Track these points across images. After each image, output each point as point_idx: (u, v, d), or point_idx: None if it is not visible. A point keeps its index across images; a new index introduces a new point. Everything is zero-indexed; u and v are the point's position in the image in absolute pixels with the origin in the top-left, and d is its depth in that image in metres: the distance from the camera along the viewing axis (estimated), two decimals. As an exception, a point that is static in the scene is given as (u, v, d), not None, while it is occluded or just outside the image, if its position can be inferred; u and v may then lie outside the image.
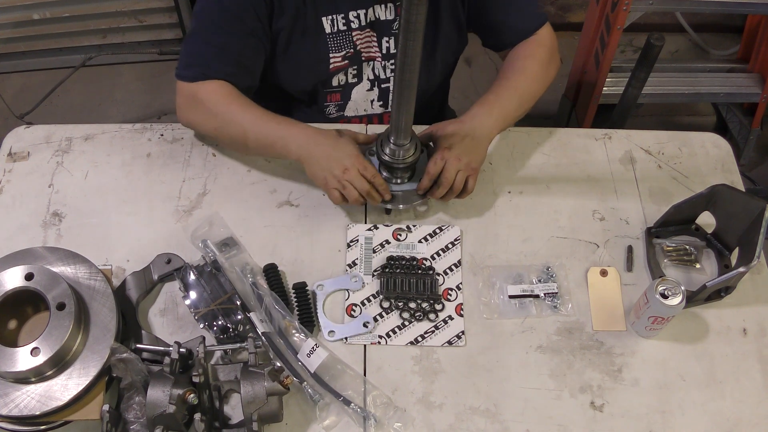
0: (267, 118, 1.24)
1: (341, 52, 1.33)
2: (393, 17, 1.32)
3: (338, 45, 1.32)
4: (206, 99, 1.25)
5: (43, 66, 2.71)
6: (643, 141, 1.41)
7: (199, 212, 1.28)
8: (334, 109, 1.45)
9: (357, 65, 1.37)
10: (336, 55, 1.33)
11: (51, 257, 1.10)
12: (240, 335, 1.11)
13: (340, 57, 1.34)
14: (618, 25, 2.03)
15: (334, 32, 1.30)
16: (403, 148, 1.18)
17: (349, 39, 1.32)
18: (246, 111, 1.24)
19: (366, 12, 1.30)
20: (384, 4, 1.30)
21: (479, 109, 1.28)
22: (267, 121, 1.24)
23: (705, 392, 1.11)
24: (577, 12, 2.91)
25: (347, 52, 1.34)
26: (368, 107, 1.45)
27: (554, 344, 1.15)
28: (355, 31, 1.31)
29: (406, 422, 1.06)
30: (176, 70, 1.28)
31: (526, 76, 1.33)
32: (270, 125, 1.24)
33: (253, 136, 1.24)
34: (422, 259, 1.23)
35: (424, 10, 0.91)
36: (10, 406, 0.98)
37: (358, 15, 1.30)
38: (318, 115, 1.44)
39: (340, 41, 1.32)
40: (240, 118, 1.24)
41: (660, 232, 1.27)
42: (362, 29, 1.32)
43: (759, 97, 2.32)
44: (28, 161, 1.34)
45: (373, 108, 1.46)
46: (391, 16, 1.32)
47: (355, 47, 1.34)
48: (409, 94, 1.05)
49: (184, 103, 1.28)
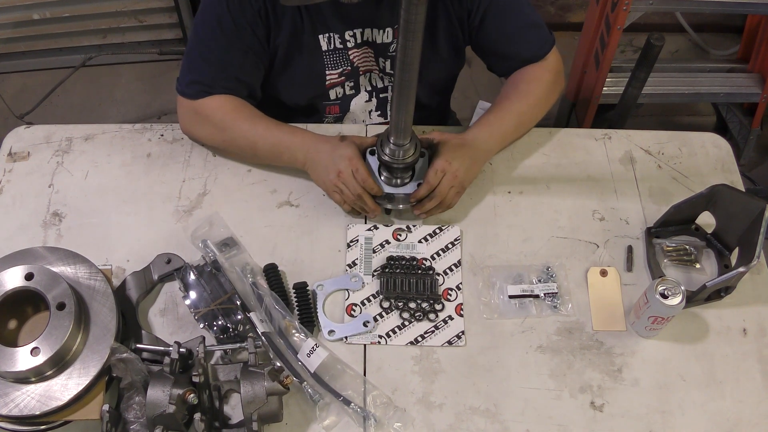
0: (274, 129, 1.26)
1: (338, 69, 1.33)
2: (390, 40, 1.31)
3: (335, 62, 1.32)
4: (211, 114, 1.26)
5: (43, 66, 2.71)
6: (643, 141, 1.41)
7: (199, 212, 1.28)
8: (332, 120, 1.45)
9: (354, 78, 1.37)
10: (332, 72, 1.33)
11: (51, 257, 1.10)
12: (240, 335, 1.11)
13: (337, 74, 1.34)
14: (618, 25, 2.03)
15: (331, 50, 1.30)
16: (403, 149, 1.18)
17: (345, 57, 1.32)
18: (253, 124, 1.26)
19: (362, 32, 1.29)
20: (381, 29, 1.29)
21: (483, 131, 1.27)
22: (274, 131, 1.25)
23: (705, 392, 1.11)
24: (577, 12, 2.91)
25: (344, 69, 1.34)
26: (366, 118, 1.45)
27: (554, 344, 1.15)
28: (352, 49, 1.31)
29: (406, 422, 1.06)
30: (177, 84, 1.28)
31: (529, 101, 1.32)
32: (277, 136, 1.25)
33: (262, 148, 1.26)
34: (422, 259, 1.23)
35: (423, 10, 0.91)
36: (10, 406, 0.98)
37: (354, 34, 1.29)
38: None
39: (336, 59, 1.32)
40: (247, 131, 1.26)
41: (660, 232, 1.27)
42: (359, 47, 1.31)
43: (759, 97, 2.32)
44: (28, 161, 1.34)
45: (372, 119, 1.46)
46: (388, 40, 1.31)
47: (352, 64, 1.34)
48: (409, 94, 1.05)
49: (188, 119, 1.30)
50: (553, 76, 1.34)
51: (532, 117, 1.34)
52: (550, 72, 1.34)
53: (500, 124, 1.29)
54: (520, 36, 1.33)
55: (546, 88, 1.33)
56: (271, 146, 1.26)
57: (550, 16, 2.90)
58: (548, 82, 1.34)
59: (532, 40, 1.34)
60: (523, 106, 1.31)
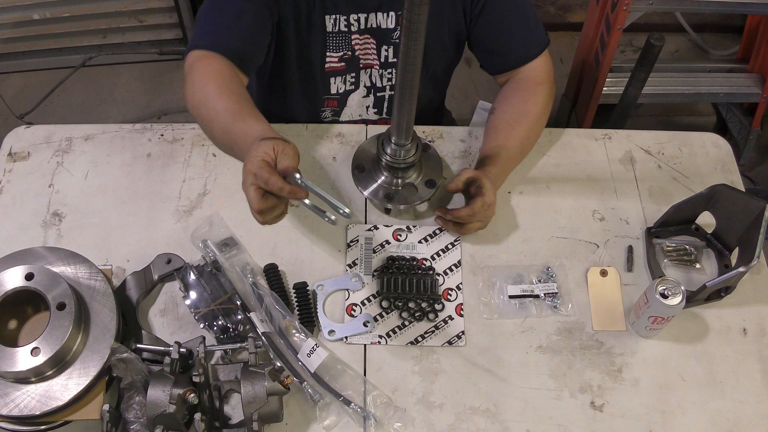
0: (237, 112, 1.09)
1: (338, 53, 1.33)
2: (393, 26, 1.31)
3: (336, 45, 1.32)
4: (195, 71, 1.15)
5: (43, 66, 2.72)
6: (643, 141, 1.41)
7: (199, 212, 1.28)
8: (329, 114, 1.45)
9: (355, 72, 1.37)
10: (333, 55, 1.33)
11: (51, 257, 1.10)
12: (240, 335, 1.11)
13: (337, 58, 1.34)
14: (618, 25, 2.03)
15: (335, 32, 1.30)
16: (404, 149, 1.18)
17: (347, 41, 1.32)
18: (220, 96, 1.10)
19: (367, 17, 1.30)
20: (385, 12, 1.30)
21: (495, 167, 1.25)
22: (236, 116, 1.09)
23: (705, 392, 1.11)
24: (577, 12, 2.91)
25: (344, 54, 1.34)
26: (363, 113, 1.46)
27: (554, 344, 1.15)
28: (355, 34, 1.31)
29: (406, 422, 1.06)
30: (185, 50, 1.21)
31: (529, 121, 1.30)
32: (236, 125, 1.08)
33: (217, 129, 1.11)
34: (422, 260, 1.23)
35: (426, 9, 0.91)
36: (10, 406, 0.98)
37: (359, 18, 1.30)
38: (314, 119, 1.44)
39: (338, 41, 1.31)
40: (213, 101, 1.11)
41: (660, 232, 1.27)
42: (361, 33, 1.32)
43: (759, 97, 2.32)
44: (28, 161, 1.34)
45: (368, 114, 1.46)
46: (391, 25, 1.31)
47: (353, 51, 1.33)
48: (411, 94, 1.05)
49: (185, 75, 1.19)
50: (546, 89, 1.34)
51: (532, 140, 1.34)
52: (542, 84, 1.34)
53: (507, 156, 1.28)
54: (516, 31, 1.33)
55: (544, 103, 1.33)
56: (225, 131, 1.09)
57: (550, 16, 2.91)
58: (544, 95, 1.33)
59: (527, 37, 1.34)
60: (523, 131, 1.29)
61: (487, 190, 1.18)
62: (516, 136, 1.29)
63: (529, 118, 1.31)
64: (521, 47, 1.34)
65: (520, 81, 1.35)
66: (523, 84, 1.34)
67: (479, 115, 1.57)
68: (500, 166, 1.26)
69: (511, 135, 1.29)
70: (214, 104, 1.11)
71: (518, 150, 1.30)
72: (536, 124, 1.32)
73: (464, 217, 1.19)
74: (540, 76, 1.34)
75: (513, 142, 1.29)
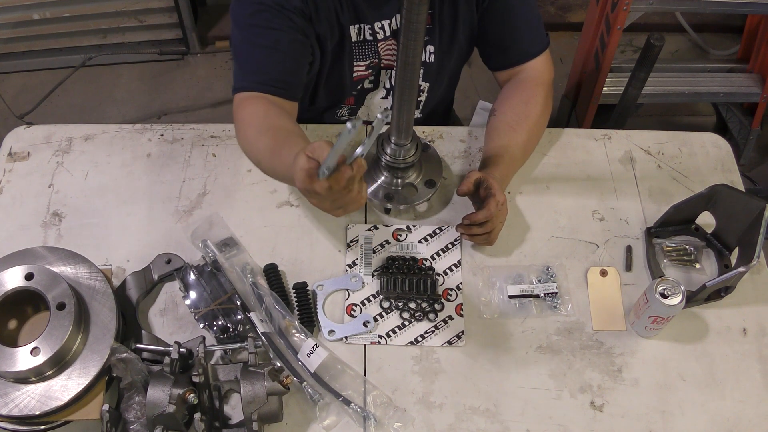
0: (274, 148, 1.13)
1: (365, 62, 1.33)
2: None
3: (363, 54, 1.31)
4: (237, 117, 1.21)
5: (43, 66, 2.72)
6: (643, 141, 1.41)
7: (199, 212, 1.28)
8: (346, 112, 1.45)
9: (376, 72, 1.37)
10: (360, 64, 1.33)
11: (51, 257, 1.10)
12: (240, 335, 1.11)
13: (364, 66, 1.33)
14: (618, 25, 2.03)
15: (360, 41, 1.30)
16: (404, 149, 1.18)
17: (374, 49, 1.32)
18: (259, 138, 1.16)
19: (390, 22, 1.29)
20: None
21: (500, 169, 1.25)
22: (273, 152, 1.13)
23: (705, 392, 1.11)
24: (577, 12, 2.91)
25: (371, 62, 1.33)
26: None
27: (554, 344, 1.15)
28: (381, 41, 1.31)
29: (406, 422, 1.06)
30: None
31: (529, 125, 1.30)
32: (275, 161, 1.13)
33: (266, 167, 1.19)
34: (422, 260, 1.23)
35: (425, 9, 0.91)
36: (10, 406, 0.98)
37: (383, 26, 1.29)
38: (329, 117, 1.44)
39: (365, 50, 1.31)
40: (254, 143, 1.17)
41: (660, 232, 1.27)
42: (387, 39, 1.31)
43: (759, 97, 2.32)
44: (28, 161, 1.34)
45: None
46: None
47: (379, 57, 1.33)
48: (411, 94, 1.05)
49: (234, 120, 1.24)
50: (546, 90, 1.34)
51: (534, 142, 1.34)
52: (542, 86, 1.34)
53: (510, 158, 1.28)
54: (521, 26, 1.33)
55: (543, 105, 1.32)
56: (272, 170, 1.17)
57: (550, 16, 2.91)
58: (544, 97, 1.33)
59: (532, 34, 1.34)
60: (524, 133, 1.29)
61: (497, 191, 1.18)
62: (518, 138, 1.29)
63: (530, 120, 1.30)
64: (525, 43, 1.34)
65: (520, 81, 1.35)
66: (523, 85, 1.34)
67: (479, 115, 1.57)
68: (504, 168, 1.26)
69: (512, 137, 1.29)
70: (256, 146, 1.17)
71: (521, 152, 1.30)
72: (537, 126, 1.32)
73: (482, 220, 1.18)
74: (540, 77, 1.34)
75: (515, 145, 1.28)
